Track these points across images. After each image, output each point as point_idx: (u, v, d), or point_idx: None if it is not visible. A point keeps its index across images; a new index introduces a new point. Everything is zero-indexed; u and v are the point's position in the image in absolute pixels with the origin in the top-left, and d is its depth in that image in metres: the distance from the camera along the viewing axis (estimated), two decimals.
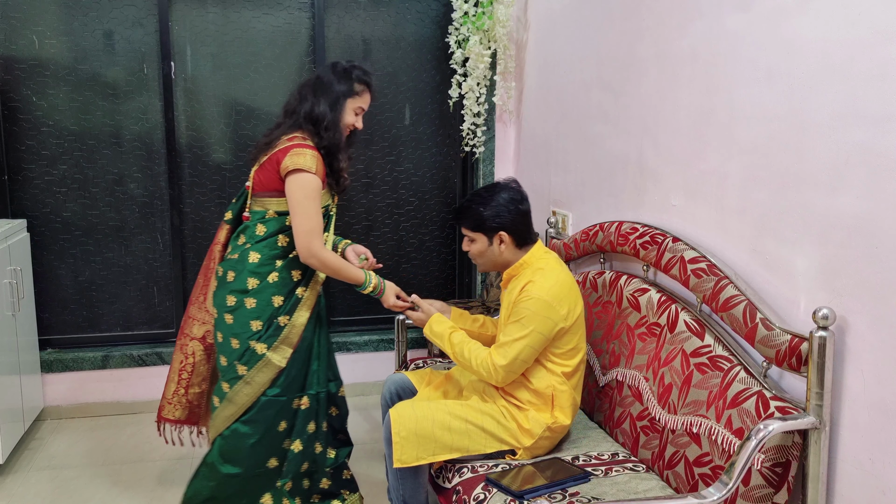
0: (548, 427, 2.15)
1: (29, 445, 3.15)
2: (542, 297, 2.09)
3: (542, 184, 3.35)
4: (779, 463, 1.71)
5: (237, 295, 2.22)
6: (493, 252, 2.23)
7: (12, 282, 2.96)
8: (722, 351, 1.97)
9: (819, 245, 1.74)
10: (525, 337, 2.09)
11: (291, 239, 2.22)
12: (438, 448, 2.13)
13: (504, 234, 2.19)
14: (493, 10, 3.35)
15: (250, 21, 3.48)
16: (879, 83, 1.57)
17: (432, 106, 3.75)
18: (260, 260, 2.22)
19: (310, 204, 2.15)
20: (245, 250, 2.23)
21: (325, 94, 2.23)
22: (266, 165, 2.21)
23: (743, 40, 2.00)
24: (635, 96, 2.54)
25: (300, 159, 2.14)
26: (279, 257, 2.23)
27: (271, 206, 2.23)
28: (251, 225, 2.26)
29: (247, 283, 2.22)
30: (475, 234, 2.23)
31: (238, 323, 2.22)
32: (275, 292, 2.22)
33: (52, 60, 3.31)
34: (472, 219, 2.22)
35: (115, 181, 3.45)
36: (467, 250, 2.29)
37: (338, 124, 2.23)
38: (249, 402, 2.23)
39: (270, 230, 2.23)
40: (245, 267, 2.22)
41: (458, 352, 2.20)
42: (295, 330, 2.25)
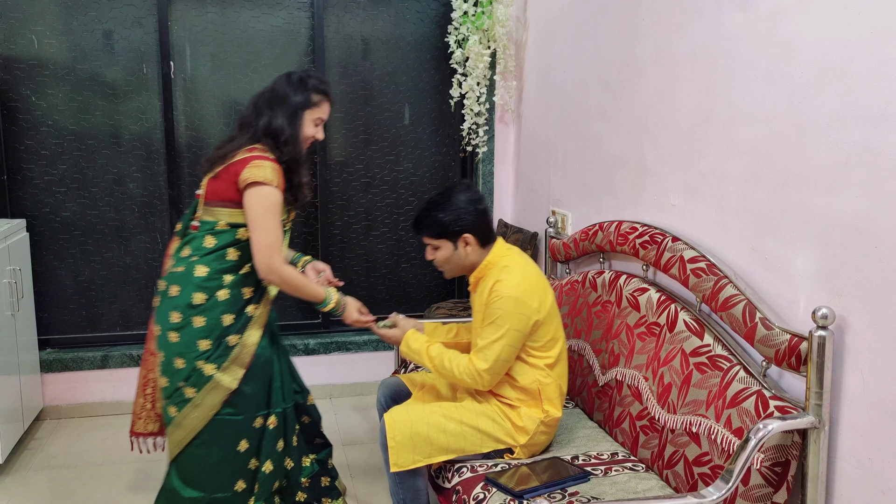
0: (541, 422, 2.15)
1: (28, 445, 3.15)
2: (511, 295, 2.09)
3: (542, 183, 3.35)
4: (778, 462, 1.71)
5: (183, 311, 2.06)
6: (458, 256, 2.21)
7: (12, 282, 2.96)
8: (721, 350, 1.97)
9: (818, 245, 1.74)
10: (502, 337, 2.09)
11: (243, 253, 2.09)
12: (434, 450, 2.13)
13: (468, 235, 2.18)
14: (492, 10, 3.35)
15: (250, 21, 3.48)
16: (879, 83, 1.57)
17: (432, 106, 3.75)
18: (208, 274, 2.07)
19: (270, 218, 2.03)
20: (191, 263, 2.08)
21: (282, 106, 2.12)
22: (222, 175, 2.08)
23: (742, 40, 2.00)
24: (635, 96, 2.54)
25: (260, 171, 2.02)
26: (229, 272, 2.09)
27: (223, 217, 2.09)
28: (199, 236, 2.11)
29: (192, 298, 2.05)
30: (439, 241, 2.21)
31: (184, 342, 2.06)
32: (225, 310, 2.07)
33: (51, 60, 3.31)
34: (433, 226, 2.20)
35: (114, 181, 3.45)
36: (432, 259, 2.26)
37: (297, 138, 2.13)
38: (200, 425, 2.09)
39: (221, 243, 2.09)
40: (191, 280, 2.06)
41: (438, 364, 2.18)
42: (247, 350, 2.11)
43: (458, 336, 2.47)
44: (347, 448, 3.18)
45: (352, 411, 3.55)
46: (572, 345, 2.63)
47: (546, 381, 2.16)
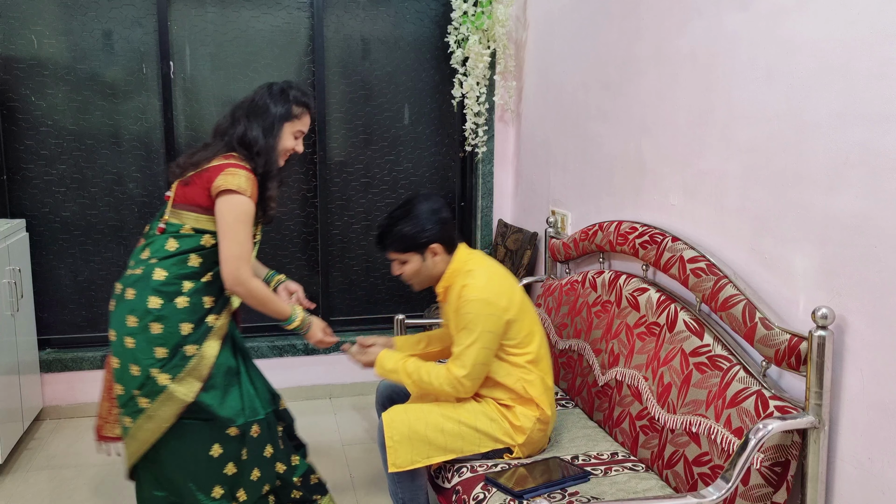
0: (537, 419, 2.15)
1: (28, 445, 3.15)
2: (479, 297, 2.09)
3: (542, 183, 3.35)
4: (778, 462, 1.71)
5: (139, 315, 1.99)
6: (427, 267, 2.19)
7: (11, 281, 2.96)
8: (721, 350, 1.97)
9: (818, 244, 1.74)
10: (476, 340, 2.08)
11: (205, 260, 2.04)
12: (432, 450, 2.12)
13: (436, 245, 2.16)
14: (492, 10, 3.35)
15: (249, 21, 3.48)
16: (879, 83, 1.57)
17: (431, 105, 3.75)
18: (166, 278, 2.00)
19: (241, 227, 1.98)
20: (150, 266, 2.02)
21: (260, 117, 2.08)
22: (194, 181, 2.03)
23: (742, 40, 2.00)
24: (634, 96, 2.54)
25: (234, 179, 1.98)
26: (189, 279, 2.02)
27: (189, 222, 2.03)
28: (161, 238, 2.04)
29: (148, 302, 1.99)
30: (406, 255, 2.18)
31: (140, 348, 1.99)
32: (184, 319, 2.00)
33: (50, 60, 3.31)
34: (400, 241, 2.17)
35: (114, 181, 3.45)
36: (399, 274, 2.23)
37: (271, 150, 2.08)
38: (153, 437, 2.02)
39: (183, 247, 2.02)
40: (148, 284, 2.00)
41: (416, 379, 2.16)
42: (205, 362, 2.03)
43: (429, 346, 2.46)
44: (347, 448, 3.18)
45: (352, 411, 3.55)
46: (572, 345, 2.63)
47: (529, 377, 2.16)
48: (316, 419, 3.46)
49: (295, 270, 3.73)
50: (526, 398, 2.16)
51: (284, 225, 3.67)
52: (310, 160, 3.64)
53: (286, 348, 3.62)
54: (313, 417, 3.47)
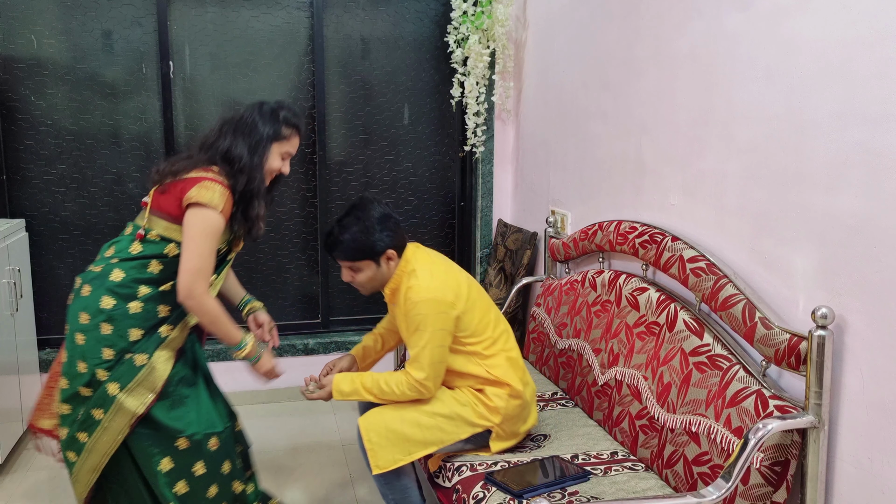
0: (509, 396, 2.15)
1: (27, 445, 3.15)
2: (424, 298, 2.09)
3: (541, 183, 3.35)
4: (778, 462, 1.71)
5: (91, 313, 1.97)
6: (381, 273, 2.17)
7: (11, 281, 2.96)
8: (721, 350, 1.98)
9: (818, 244, 1.75)
10: (430, 341, 2.08)
11: (166, 268, 2.00)
12: (412, 446, 2.12)
13: (391, 251, 2.15)
14: (492, 10, 3.35)
15: (249, 20, 3.48)
16: (879, 83, 1.57)
17: (431, 105, 3.75)
18: (122, 280, 1.97)
19: (205, 242, 1.94)
20: (110, 265, 1.99)
21: (247, 135, 2.03)
22: (170, 189, 2.00)
23: (742, 40, 2.00)
24: (634, 95, 2.54)
25: (207, 193, 1.94)
26: (146, 284, 1.98)
27: (157, 228, 2.01)
28: (126, 239, 2.03)
29: (100, 302, 1.96)
30: (360, 263, 2.16)
31: (88, 346, 1.97)
32: (133, 324, 1.96)
33: (50, 60, 3.31)
34: (354, 250, 2.14)
35: (113, 181, 3.45)
36: (350, 281, 2.21)
37: (256, 169, 2.03)
38: (111, 449, 1.98)
39: (145, 252, 1.99)
40: (104, 283, 1.97)
41: (378, 393, 2.15)
42: (157, 373, 1.98)
43: (386, 344, 2.48)
44: (347, 448, 3.18)
45: (352, 411, 3.55)
46: (572, 344, 2.63)
47: (493, 361, 2.16)
48: (316, 419, 3.46)
49: (295, 270, 3.73)
50: (493, 380, 2.16)
51: (284, 225, 3.67)
52: (309, 160, 3.64)
53: (286, 348, 3.62)
54: (313, 417, 3.48)
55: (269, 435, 3.28)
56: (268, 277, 3.69)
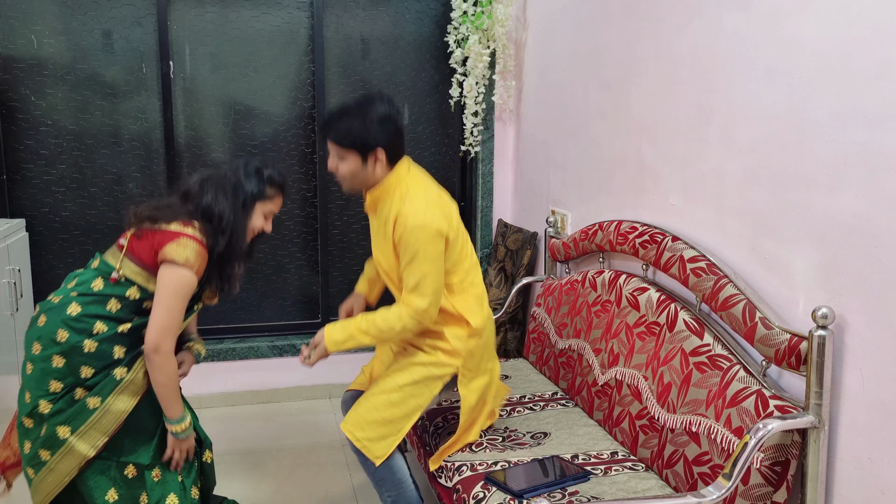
0: (468, 336, 2.15)
1: None
2: (419, 223, 2.02)
3: (542, 183, 3.35)
4: (778, 462, 1.71)
5: (45, 344, 1.92)
6: (365, 172, 2.10)
7: (11, 281, 2.96)
8: (721, 350, 1.98)
9: (818, 244, 1.75)
10: (431, 268, 2.03)
11: (123, 308, 1.95)
12: (396, 424, 2.13)
13: (381, 151, 2.07)
14: (492, 10, 3.36)
15: (249, 20, 3.48)
16: (879, 83, 1.57)
17: (431, 105, 3.75)
18: (78, 314, 1.92)
19: (177, 301, 1.92)
20: (69, 298, 1.95)
21: (230, 193, 2.01)
22: (146, 237, 1.96)
23: (742, 40, 2.00)
24: (634, 95, 2.54)
25: (183, 252, 1.91)
26: (102, 320, 1.93)
27: (124, 269, 1.96)
28: (90, 274, 1.99)
29: (56, 334, 1.91)
30: (348, 151, 2.07)
31: (36, 376, 1.93)
32: (84, 362, 1.91)
33: (50, 60, 3.31)
34: (346, 135, 2.05)
35: (113, 181, 3.45)
36: (333, 170, 2.13)
37: (240, 228, 2.01)
38: (55, 490, 1.94)
39: (105, 290, 1.95)
40: (59, 316, 1.93)
41: (374, 333, 2.09)
42: (110, 416, 1.92)
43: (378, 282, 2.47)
44: (347, 448, 3.18)
45: None
46: (572, 344, 2.63)
47: (460, 298, 2.15)
48: (316, 419, 3.46)
49: (295, 270, 3.73)
50: (454, 315, 2.14)
51: (284, 225, 3.67)
52: (310, 160, 3.64)
53: (286, 348, 3.62)
54: (313, 417, 3.48)
55: (269, 435, 3.28)
56: (268, 277, 3.69)
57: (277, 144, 3.59)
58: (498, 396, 2.34)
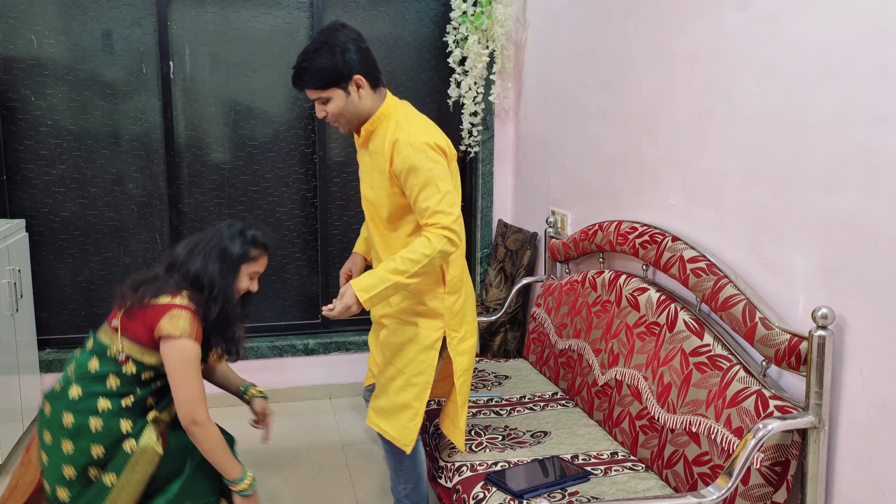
0: (445, 293, 2.12)
1: None
2: (420, 141, 1.97)
3: (541, 183, 3.35)
4: (778, 462, 1.71)
5: (54, 432, 1.94)
6: (353, 103, 2.03)
7: (11, 282, 2.96)
8: (721, 350, 1.97)
9: (818, 244, 1.75)
10: (447, 186, 1.96)
11: (123, 384, 1.96)
12: (411, 407, 2.11)
13: (359, 77, 2.01)
14: (491, 10, 3.36)
15: (249, 21, 3.48)
16: (879, 83, 1.57)
17: (431, 105, 3.75)
18: (80, 396, 1.94)
19: (189, 371, 1.93)
20: (69, 382, 1.97)
21: (217, 258, 2.01)
22: (137, 316, 1.96)
23: (742, 40, 2.00)
24: (634, 96, 2.54)
25: (177, 324, 1.92)
26: (104, 397, 1.94)
27: (126, 348, 1.97)
28: (86, 356, 2.00)
29: (62, 419, 1.92)
30: (328, 91, 2.01)
31: (51, 465, 1.94)
32: (93, 440, 1.92)
33: (50, 60, 3.31)
34: (318, 75, 1.99)
35: (113, 181, 3.45)
36: (324, 116, 2.07)
37: (230, 293, 2.02)
38: None
39: (102, 369, 1.96)
40: (63, 402, 1.95)
41: (405, 267, 1.95)
42: (129, 489, 1.94)
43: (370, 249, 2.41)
44: (347, 448, 3.18)
45: (351, 411, 3.55)
46: (572, 344, 2.63)
47: None
48: (316, 419, 3.46)
49: (295, 270, 3.73)
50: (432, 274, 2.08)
51: (284, 225, 3.67)
52: (310, 160, 3.64)
53: (286, 348, 3.62)
54: (313, 417, 3.48)
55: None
56: (268, 277, 3.69)
57: (277, 144, 3.59)
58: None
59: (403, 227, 2.13)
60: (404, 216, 2.11)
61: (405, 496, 2.23)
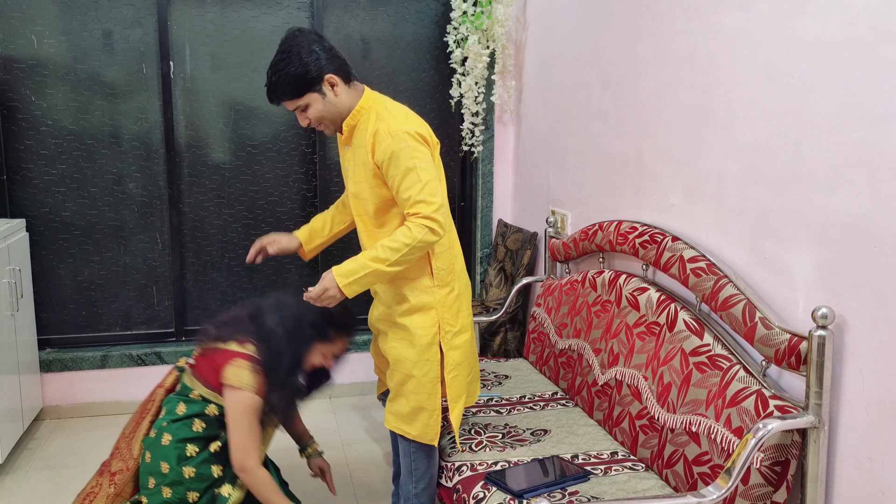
0: (435, 287, 2.10)
1: (28, 445, 3.15)
2: (401, 130, 1.97)
3: (542, 183, 3.35)
4: (778, 462, 1.71)
5: (156, 478, 2.01)
6: (331, 102, 2.03)
7: (11, 281, 2.96)
8: (721, 350, 1.98)
9: (818, 244, 1.75)
10: (429, 175, 1.96)
11: (209, 427, 2.04)
12: (428, 405, 2.12)
13: (330, 76, 2.01)
14: (491, 10, 3.36)
15: (249, 21, 3.48)
16: (879, 83, 1.58)
17: (431, 105, 3.75)
18: (171, 442, 2.01)
19: (245, 421, 1.98)
20: (161, 428, 2.03)
21: (292, 324, 2.03)
22: (208, 356, 2.03)
23: (742, 39, 2.00)
24: (634, 95, 2.54)
25: (240, 375, 1.96)
26: (192, 442, 2.01)
27: (198, 388, 2.05)
28: (174, 400, 2.06)
29: (160, 467, 2.00)
30: (305, 97, 2.01)
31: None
32: (189, 488, 1.99)
33: (50, 60, 3.31)
34: (292, 84, 1.99)
35: (113, 181, 3.45)
36: (307, 123, 2.08)
37: (294, 363, 2.03)
38: None
39: (189, 412, 2.03)
40: (158, 449, 2.01)
41: (385, 255, 1.95)
42: None
43: (333, 227, 2.43)
44: (347, 448, 3.18)
45: (351, 411, 3.55)
46: (572, 344, 2.63)
47: None
48: (316, 419, 3.46)
49: (295, 270, 3.73)
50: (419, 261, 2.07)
51: (284, 225, 3.67)
52: (310, 160, 3.64)
53: None
54: (313, 417, 3.47)
55: None
56: (268, 277, 3.70)
57: (277, 144, 3.59)
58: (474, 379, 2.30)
59: (390, 223, 2.12)
60: (390, 210, 2.11)
61: (415, 495, 2.23)
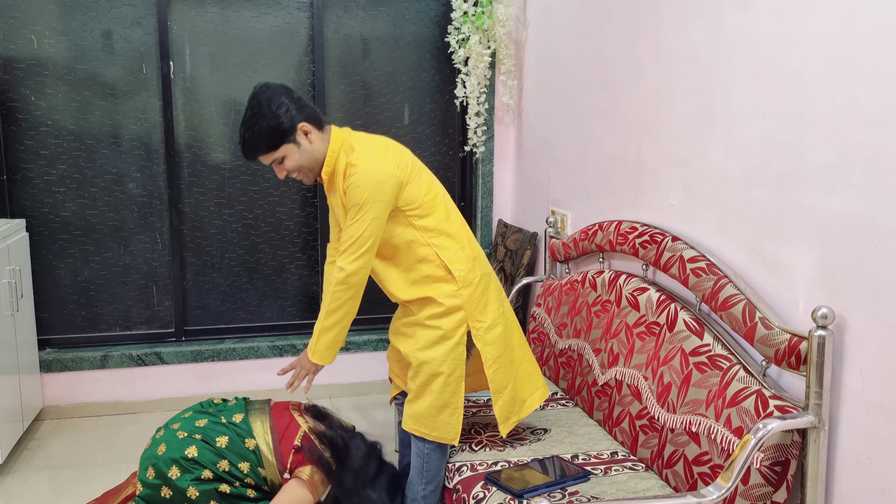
0: (459, 289, 2.11)
1: (28, 445, 3.15)
2: (366, 173, 2.00)
3: (542, 183, 3.35)
4: (778, 462, 1.71)
5: (158, 473, 2.13)
6: (306, 151, 2.07)
7: (11, 281, 2.96)
8: (721, 350, 1.98)
9: (818, 244, 1.75)
10: (366, 212, 2.00)
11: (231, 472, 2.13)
12: (451, 404, 2.12)
13: (303, 124, 2.04)
14: (492, 10, 3.36)
15: (249, 21, 3.48)
16: (879, 83, 1.57)
17: (431, 105, 3.75)
18: (194, 457, 2.12)
19: None
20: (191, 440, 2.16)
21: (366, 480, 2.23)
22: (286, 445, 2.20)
23: (742, 39, 2.00)
24: (635, 95, 2.54)
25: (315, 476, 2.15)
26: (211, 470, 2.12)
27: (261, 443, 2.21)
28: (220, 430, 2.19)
29: (170, 470, 2.11)
30: (280, 149, 2.05)
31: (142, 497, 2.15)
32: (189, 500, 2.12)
33: (50, 60, 3.31)
34: (266, 138, 2.03)
35: (113, 181, 3.45)
36: (285, 175, 2.12)
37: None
38: None
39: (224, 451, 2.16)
40: (178, 454, 2.13)
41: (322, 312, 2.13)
42: None
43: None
44: None
45: (351, 411, 3.55)
46: (572, 344, 2.63)
47: (440, 241, 2.12)
48: None
49: (295, 270, 3.73)
50: (440, 272, 2.10)
51: (284, 225, 3.67)
52: None
53: (286, 348, 3.62)
54: None
55: None
56: (268, 277, 3.70)
57: None
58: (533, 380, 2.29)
59: (399, 253, 2.15)
60: (389, 240, 2.13)
61: (423, 497, 2.22)
